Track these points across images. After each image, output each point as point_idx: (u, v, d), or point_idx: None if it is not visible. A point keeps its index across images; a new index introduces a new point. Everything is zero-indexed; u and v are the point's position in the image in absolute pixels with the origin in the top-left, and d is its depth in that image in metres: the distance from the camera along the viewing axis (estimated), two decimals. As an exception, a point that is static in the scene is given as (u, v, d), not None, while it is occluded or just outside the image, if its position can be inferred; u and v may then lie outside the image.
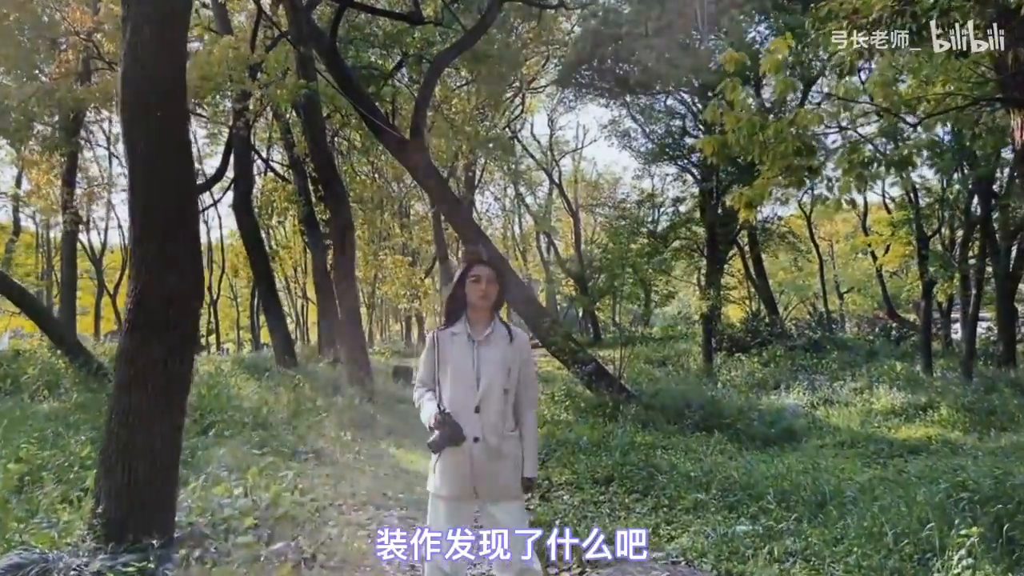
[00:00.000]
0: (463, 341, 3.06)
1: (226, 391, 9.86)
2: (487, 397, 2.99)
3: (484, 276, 3.06)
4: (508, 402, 3.05)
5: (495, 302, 3.12)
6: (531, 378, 3.18)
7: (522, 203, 40.01)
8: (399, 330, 40.29)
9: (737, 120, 4.49)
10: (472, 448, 2.93)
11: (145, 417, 3.40)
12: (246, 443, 7.46)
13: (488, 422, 2.97)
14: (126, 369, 3.42)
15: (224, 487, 4.65)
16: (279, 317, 13.43)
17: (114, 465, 3.43)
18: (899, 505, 5.00)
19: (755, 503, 5.70)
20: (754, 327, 22.77)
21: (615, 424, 9.08)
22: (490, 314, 3.11)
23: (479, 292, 3.04)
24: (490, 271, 3.09)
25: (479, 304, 3.06)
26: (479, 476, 2.97)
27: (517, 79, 23.93)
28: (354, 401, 9.68)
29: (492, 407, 2.99)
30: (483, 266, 3.11)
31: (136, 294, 3.43)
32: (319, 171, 11.85)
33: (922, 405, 11.20)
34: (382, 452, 7.96)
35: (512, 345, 3.09)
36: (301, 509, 5.43)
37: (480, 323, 3.09)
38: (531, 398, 3.16)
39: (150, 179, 3.54)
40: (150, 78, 3.52)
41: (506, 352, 3.07)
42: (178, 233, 3.55)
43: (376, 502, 6.05)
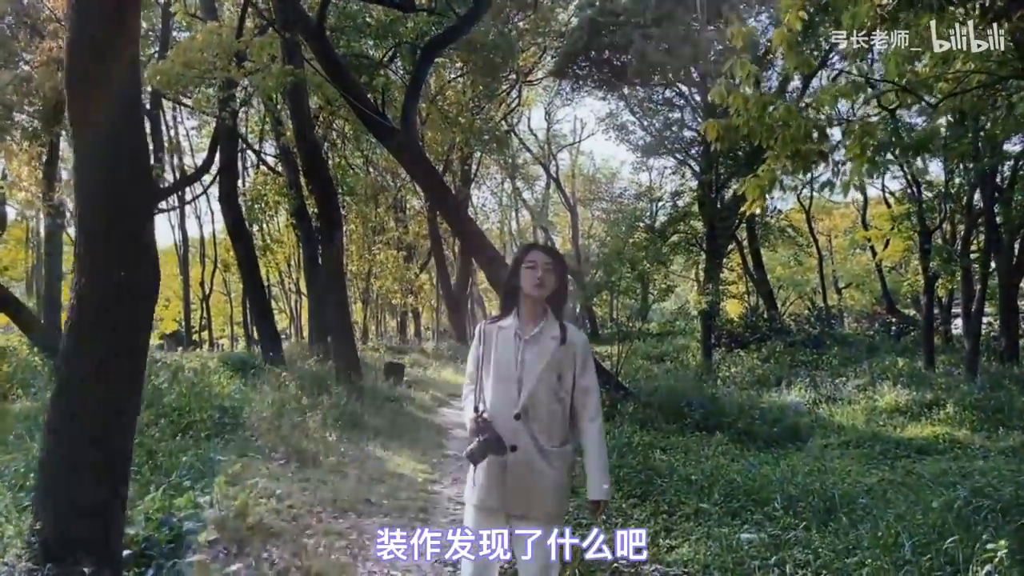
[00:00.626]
0: (508, 337, 2.73)
1: (208, 390, 9.52)
2: (531, 403, 2.65)
3: (540, 263, 2.72)
4: (560, 412, 2.71)
5: (553, 295, 2.77)
6: (590, 385, 2.76)
7: (519, 198, 39.70)
8: (396, 326, 39.96)
9: (745, 100, 4.15)
10: (509, 458, 2.60)
11: (86, 424, 3.05)
12: (225, 445, 7.14)
13: (530, 431, 2.63)
14: (65, 372, 3.08)
15: (187, 497, 4.30)
16: (266, 313, 13.07)
17: (53, 476, 3.08)
18: (915, 513, 4.69)
19: (759, 509, 5.38)
20: (753, 323, 22.49)
21: (612, 423, 8.74)
22: (545, 309, 2.76)
23: (534, 280, 2.69)
24: (548, 258, 2.75)
25: (533, 294, 2.71)
26: (512, 491, 2.61)
27: (513, 71, 23.55)
28: (341, 400, 9.32)
29: (537, 415, 2.66)
30: (540, 252, 2.78)
31: (78, 290, 3.07)
32: (305, 161, 11.48)
33: (927, 403, 10.89)
34: (368, 454, 7.62)
35: (565, 346, 2.71)
36: (276, 518, 5.11)
37: (533, 318, 2.75)
38: (592, 408, 2.75)
39: (95, 160, 3.18)
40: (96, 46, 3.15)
41: (556, 353, 2.70)
42: (126, 224, 3.18)
43: (358, 509, 5.71)
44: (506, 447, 2.57)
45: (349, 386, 10.21)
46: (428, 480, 6.89)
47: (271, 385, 10.03)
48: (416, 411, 10.76)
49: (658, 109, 21.72)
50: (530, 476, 2.62)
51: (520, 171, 35.70)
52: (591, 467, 2.71)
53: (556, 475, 2.66)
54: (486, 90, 21.21)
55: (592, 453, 2.71)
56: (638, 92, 21.13)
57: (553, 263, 2.75)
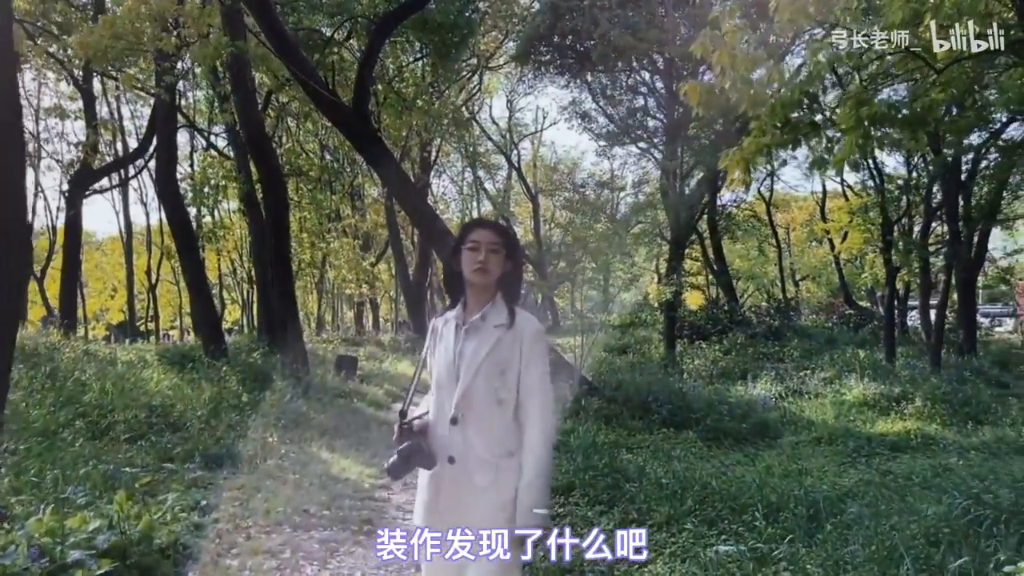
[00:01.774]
0: (451, 330, 2.30)
1: (139, 386, 8.75)
2: (466, 405, 2.21)
3: (484, 243, 2.25)
4: (503, 415, 2.23)
5: (505, 280, 2.30)
6: (536, 382, 2.23)
7: (480, 187, 39.01)
8: (353, 317, 39.02)
9: (732, 59, 3.63)
10: (445, 471, 2.20)
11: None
12: (149, 449, 6.43)
13: (467, 439, 2.20)
14: None
15: (80, 517, 3.63)
16: (206, 301, 12.20)
17: None
18: (907, 522, 4.28)
19: (737, 517, 4.92)
20: (714, 315, 22.33)
21: (576, 420, 8.26)
22: (492, 295, 2.29)
23: (474, 263, 2.23)
24: (493, 236, 2.28)
25: (474, 280, 2.26)
26: (449, 510, 2.20)
27: (474, 55, 22.86)
28: (285, 396, 8.65)
29: (474, 419, 2.21)
30: (483, 229, 2.30)
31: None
32: (249, 141, 10.67)
33: (895, 396, 10.70)
34: (311, 456, 6.97)
35: (510, 334, 2.22)
36: (196, 536, 4.46)
37: (479, 306, 2.29)
38: (535, 413, 2.22)
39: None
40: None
41: (500, 344, 2.22)
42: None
43: (294, 521, 5.08)
44: (434, 458, 2.19)
45: (295, 381, 9.53)
46: (376, 486, 6.28)
47: (209, 380, 9.30)
48: (367, 408, 10.11)
49: (621, 98, 21.29)
50: (468, 493, 2.19)
51: (481, 160, 35.02)
52: (525, 485, 2.17)
53: (502, 492, 2.18)
54: (446, 73, 20.47)
55: (526, 469, 2.17)
56: (601, 79, 20.65)
57: (500, 241, 2.29)
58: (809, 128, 4.13)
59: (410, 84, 19.63)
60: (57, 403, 7.40)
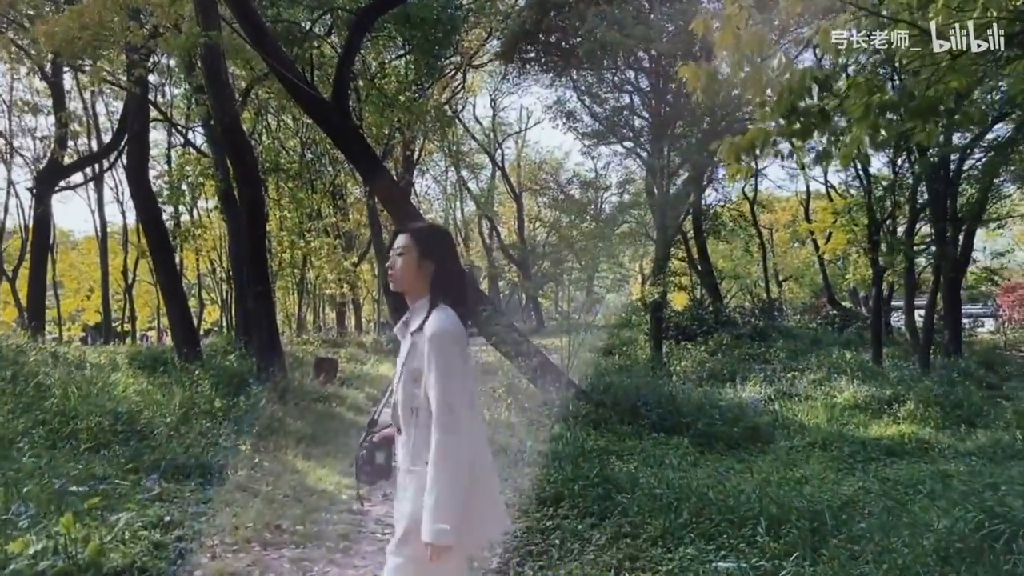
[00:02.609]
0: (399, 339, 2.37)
1: (106, 391, 8.32)
2: (397, 415, 2.26)
3: (393, 248, 2.30)
4: (417, 424, 2.17)
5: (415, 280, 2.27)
6: (433, 389, 2.07)
7: (464, 187, 38.65)
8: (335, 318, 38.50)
9: (736, 38, 3.35)
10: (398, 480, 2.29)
11: None
12: (112, 459, 6.05)
13: (401, 449, 2.25)
14: None
15: (22, 542, 3.27)
16: (180, 302, 11.74)
17: None
18: (917, 538, 4.03)
19: (737, 531, 4.65)
20: (699, 315, 22.16)
21: (565, 426, 7.95)
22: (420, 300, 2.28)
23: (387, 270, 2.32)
24: (399, 239, 2.30)
25: (391, 287, 2.34)
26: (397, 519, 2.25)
27: (457, 52, 22.50)
28: (260, 401, 8.27)
29: (402, 429, 2.24)
30: (394, 235, 2.41)
31: None
32: (225, 135, 10.25)
33: (886, 399, 10.51)
34: (286, 466, 6.62)
35: (422, 338, 2.16)
36: (155, 557, 4.11)
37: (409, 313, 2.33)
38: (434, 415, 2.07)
39: None
40: None
41: (412, 350, 2.20)
42: None
43: (265, 538, 4.74)
44: (384, 469, 2.33)
45: (271, 385, 9.14)
46: (354, 497, 5.94)
47: (180, 385, 8.89)
48: (347, 412, 9.75)
49: (606, 96, 21.05)
50: (399, 502, 2.23)
51: (465, 159, 34.68)
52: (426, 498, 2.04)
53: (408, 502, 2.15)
54: (429, 70, 20.11)
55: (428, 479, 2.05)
56: (587, 77, 20.39)
57: (407, 244, 2.26)
58: (819, 117, 3.86)
59: (392, 81, 19.24)
60: (16, 409, 6.98)
